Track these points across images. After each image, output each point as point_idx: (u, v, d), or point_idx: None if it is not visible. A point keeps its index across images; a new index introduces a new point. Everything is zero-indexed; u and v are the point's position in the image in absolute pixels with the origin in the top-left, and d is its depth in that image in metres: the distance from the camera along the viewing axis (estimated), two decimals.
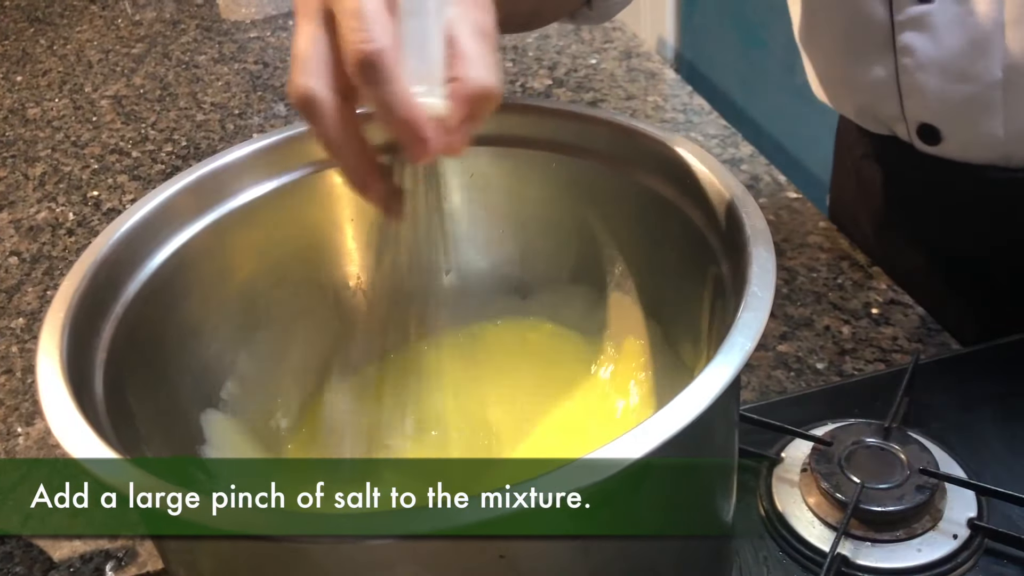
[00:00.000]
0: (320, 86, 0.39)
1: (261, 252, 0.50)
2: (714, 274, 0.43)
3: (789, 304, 0.69)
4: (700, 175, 0.44)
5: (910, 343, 0.65)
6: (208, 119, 1.06)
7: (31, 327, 0.76)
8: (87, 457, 0.33)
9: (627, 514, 0.34)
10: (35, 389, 0.44)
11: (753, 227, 0.40)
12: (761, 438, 0.55)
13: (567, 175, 0.50)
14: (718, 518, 0.42)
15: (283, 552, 0.32)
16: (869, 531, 0.49)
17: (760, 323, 0.35)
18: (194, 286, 0.47)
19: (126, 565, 0.55)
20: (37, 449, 0.64)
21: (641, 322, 0.50)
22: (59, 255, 0.85)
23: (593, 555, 0.34)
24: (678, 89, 1.02)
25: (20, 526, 0.58)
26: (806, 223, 0.78)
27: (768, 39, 1.72)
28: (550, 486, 0.30)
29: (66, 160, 1.00)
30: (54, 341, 0.38)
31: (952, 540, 0.49)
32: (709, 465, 0.39)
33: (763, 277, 0.37)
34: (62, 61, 1.24)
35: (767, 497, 0.52)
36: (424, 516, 0.29)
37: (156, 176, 0.96)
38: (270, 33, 1.26)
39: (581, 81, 1.05)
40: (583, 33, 1.16)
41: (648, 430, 0.31)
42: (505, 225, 0.54)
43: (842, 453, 0.52)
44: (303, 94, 0.39)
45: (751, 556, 0.50)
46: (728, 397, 0.34)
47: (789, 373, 0.63)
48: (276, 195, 0.50)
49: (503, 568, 0.32)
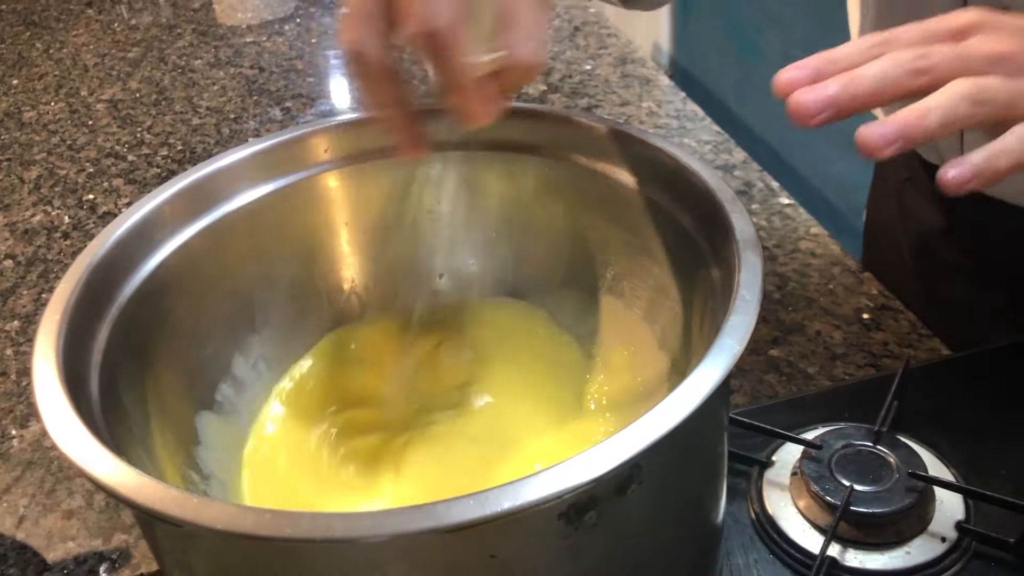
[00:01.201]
0: (372, 43, 0.40)
1: (256, 255, 0.51)
2: (704, 278, 0.43)
3: (781, 309, 0.70)
4: (691, 180, 0.44)
5: (900, 348, 0.65)
6: (204, 123, 1.06)
7: (26, 330, 0.76)
8: (83, 458, 0.33)
9: (617, 516, 0.34)
10: (30, 391, 0.44)
11: (742, 232, 0.40)
12: (752, 442, 0.55)
13: (560, 179, 0.50)
14: (708, 520, 0.43)
15: (276, 552, 0.32)
16: (858, 534, 0.49)
17: (748, 326, 0.35)
18: (189, 289, 0.47)
19: (120, 567, 0.55)
20: (32, 451, 0.64)
21: (633, 325, 0.50)
22: (54, 258, 0.85)
23: (583, 556, 0.34)
24: (672, 95, 1.03)
25: (14, 528, 0.58)
26: (798, 229, 0.79)
27: (762, 46, 1.73)
28: (540, 487, 0.30)
29: (62, 164, 1.00)
30: (50, 343, 0.38)
31: (940, 543, 0.49)
32: (699, 467, 0.40)
33: (751, 281, 0.37)
34: (58, 65, 1.24)
35: (757, 500, 0.52)
36: (415, 516, 0.29)
37: (152, 180, 0.96)
38: (266, 38, 1.27)
39: (576, 87, 1.06)
40: (578, 39, 1.17)
41: (637, 432, 0.31)
42: (498, 229, 0.54)
43: (832, 457, 0.52)
44: (355, 47, 0.40)
45: (741, 559, 0.50)
46: (717, 399, 0.34)
47: (780, 377, 0.64)
48: (271, 199, 0.50)
49: (494, 568, 0.33)
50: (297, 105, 1.08)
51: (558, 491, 0.30)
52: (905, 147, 0.39)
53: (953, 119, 0.39)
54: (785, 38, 1.64)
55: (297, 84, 1.13)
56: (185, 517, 0.31)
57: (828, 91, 0.39)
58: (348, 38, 0.40)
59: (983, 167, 0.39)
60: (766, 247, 0.76)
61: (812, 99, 0.39)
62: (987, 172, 0.39)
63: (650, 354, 0.50)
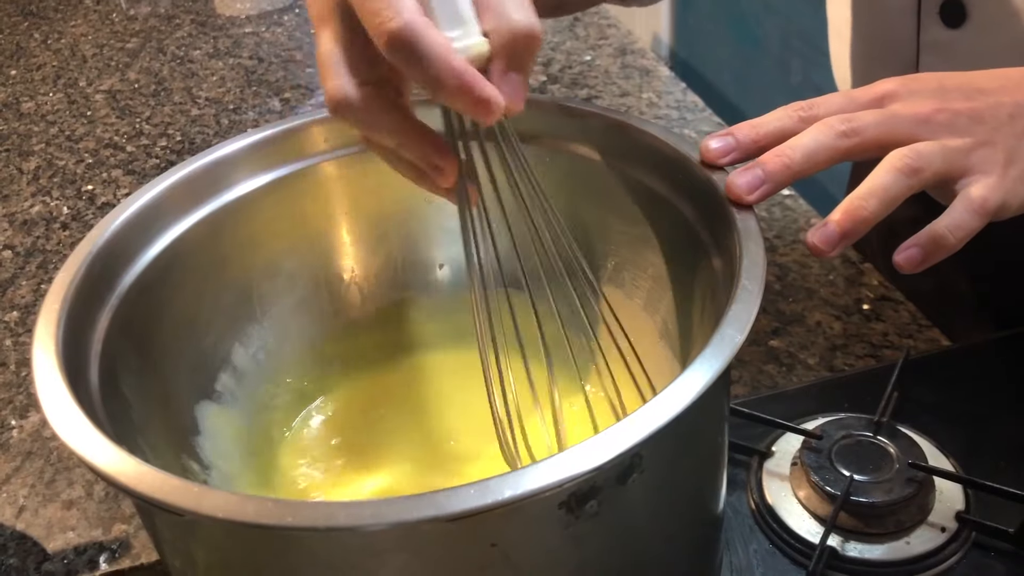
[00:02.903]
0: (346, 84, 0.37)
1: (255, 245, 0.51)
2: (705, 268, 0.43)
3: (781, 300, 0.70)
4: (692, 171, 0.44)
5: (900, 339, 0.65)
6: (203, 114, 1.06)
7: (25, 320, 0.76)
8: (83, 447, 0.33)
9: (618, 505, 0.34)
10: (30, 382, 0.44)
11: (744, 222, 0.40)
12: (752, 432, 0.55)
13: (560, 170, 0.50)
14: (709, 510, 0.43)
15: (276, 540, 0.32)
16: (858, 524, 0.49)
17: (750, 316, 0.35)
18: (189, 279, 0.47)
19: (120, 556, 0.55)
20: (31, 442, 0.64)
21: (634, 316, 0.50)
22: (53, 249, 0.85)
23: (584, 545, 0.34)
24: (672, 86, 1.03)
25: (14, 518, 0.58)
26: (798, 220, 0.79)
27: (762, 37, 1.72)
28: (541, 476, 0.30)
29: (60, 154, 1.00)
30: (49, 333, 0.38)
31: (940, 533, 0.49)
32: (700, 457, 0.40)
33: (753, 271, 0.37)
34: (56, 55, 1.24)
35: (757, 490, 0.53)
36: (416, 505, 0.29)
37: (151, 171, 0.96)
38: (265, 28, 1.26)
39: (575, 78, 1.05)
40: (578, 30, 1.16)
41: (638, 421, 0.31)
42: (498, 219, 0.54)
43: (832, 447, 0.52)
44: (332, 98, 0.38)
45: (741, 549, 0.50)
46: (718, 389, 0.34)
47: (780, 368, 0.64)
48: (271, 189, 0.50)
49: (495, 556, 0.33)
50: (296, 96, 1.08)
51: (559, 480, 0.30)
52: (852, 240, 0.40)
53: (894, 196, 0.40)
54: (784, 28, 1.64)
55: (296, 74, 1.13)
56: (186, 506, 0.31)
57: (759, 171, 0.41)
58: (327, 94, 0.38)
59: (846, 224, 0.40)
60: (766, 238, 0.76)
61: (746, 181, 0.41)
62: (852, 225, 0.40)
63: (650, 344, 0.50)
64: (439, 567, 0.33)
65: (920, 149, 0.41)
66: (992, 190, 0.41)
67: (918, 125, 0.42)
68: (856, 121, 0.41)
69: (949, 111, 0.42)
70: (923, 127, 0.42)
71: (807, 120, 0.42)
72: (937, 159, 0.41)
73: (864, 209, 0.40)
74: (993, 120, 0.43)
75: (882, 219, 0.40)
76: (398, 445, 0.51)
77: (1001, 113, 0.43)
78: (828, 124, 0.41)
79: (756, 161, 0.41)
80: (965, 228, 0.41)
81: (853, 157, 0.42)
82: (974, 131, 0.42)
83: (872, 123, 0.42)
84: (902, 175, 0.40)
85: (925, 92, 0.43)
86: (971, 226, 0.41)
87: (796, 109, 0.43)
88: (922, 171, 0.41)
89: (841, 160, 0.41)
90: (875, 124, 0.42)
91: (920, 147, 0.41)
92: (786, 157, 0.41)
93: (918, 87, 0.44)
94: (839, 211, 0.40)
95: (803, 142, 0.41)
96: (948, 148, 0.41)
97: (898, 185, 0.40)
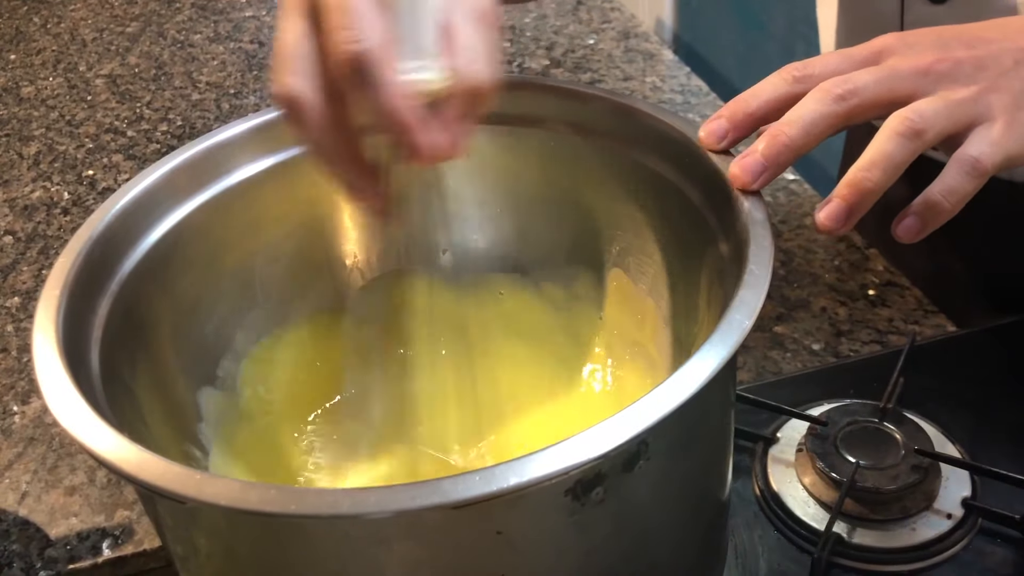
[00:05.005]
0: (305, 86, 0.37)
1: (257, 230, 0.50)
2: (712, 253, 0.43)
3: (786, 285, 0.69)
4: (699, 155, 0.43)
5: (906, 324, 0.65)
6: (204, 98, 1.05)
7: (26, 306, 0.75)
8: (85, 434, 0.33)
9: (623, 492, 0.34)
10: (31, 368, 0.44)
11: (750, 207, 0.40)
12: (757, 418, 0.55)
13: (565, 154, 0.50)
14: (714, 497, 0.43)
15: (280, 528, 0.32)
16: (864, 511, 0.49)
17: (758, 301, 0.35)
18: (190, 264, 0.47)
19: (123, 543, 0.55)
20: (33, 428, 0.63)
21: (639, 301, 0.50)
22: (54, 234, 0.84)
23: (589, 532, 0.34)
24: (676, 70, 1.02)
25: (16, 504, 0.58)
26: (803, 204, 0.78)
27: (766, 20, 1.71)
28: (547, 463, 0.30)
29: (61, 139, 1.00)
30: (50, 318, 0.38)
31: (946, 520, 0.49)
32: (706, 444, 0.39)
33: (760, 255, 0.37)
34: (56, 40, 1.23)
35: (762, 477, 0.52)
36: (421, 492, 0.29)
37: (151, 156, 0.95)
38: (265, 12, 1.25)
39: (579, 61, 1.05)
40: (581, 13, 1.15)
41: (645, 407, 0.31)
42: (503, 204, 0.54)
43: (837, 433, 0.52)
44: (287, 94, 0.37)
45: (746, 535, 0.50)
46: (725, 375, 0.34)
47: (785, 354, 0.64)
48: (272, 173, 0.50)
49: (500, 544, 0.32)
50: None
51: (565, 467, 0.30)
52: (860, 213, 0.39)
53: (899, 163, 0.39)
54: (789, 12, 1.63)
55: None
56: (188, 493, 0.30)
57: (759, 156, 0.39)
58: (278, 84, 0.36)
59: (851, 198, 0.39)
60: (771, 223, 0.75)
61: (748, 168, 0.40)
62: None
63: (656, 329, 0.49)
64: (444, 555, 0.33)
65: (921, 109, 0.39)
66: (992, 145, 0.39)
67: (919, 78, 0.40)
68: (853, 82, 0.40)
69: (950, 60, 0.40)
70: (924, 79, 0.40)
71: (802, 80, 0.41)
72: (941, 117, 0.39)
73: (868, 180, 0.38)
74: (997, 67, 0.41)
75: (886, 190, 0.39)
76: (402, 432, 0.50)
77: (1005, 59, 0.41)
78: (823, 90, 0.40)
79: (754, 145, 0.40)
80: (960, 192, 0.39)
81: (855, 120, 0.40)
82: (978, 79, 0.40)
83: (871, 81, 0.40)
84: (904, 139, 0.39)
85: (924, 44, 0.41)
86: (965, 189, 0.39)
87: (790, 71, 0.41)
88: (925, 132, 0.39)
89: (844, 126, 0.40)
90: (874, 82, 0.40)
91: (921, 106, 0.39)
92: (784, 136, 0.39)
93: (916, 40, 0.42)
94: (843, 185, 0.39)
95: (800, 114, 0.39)
96: (952, 102, 0.39)
97: (901, 150, 0.38)
